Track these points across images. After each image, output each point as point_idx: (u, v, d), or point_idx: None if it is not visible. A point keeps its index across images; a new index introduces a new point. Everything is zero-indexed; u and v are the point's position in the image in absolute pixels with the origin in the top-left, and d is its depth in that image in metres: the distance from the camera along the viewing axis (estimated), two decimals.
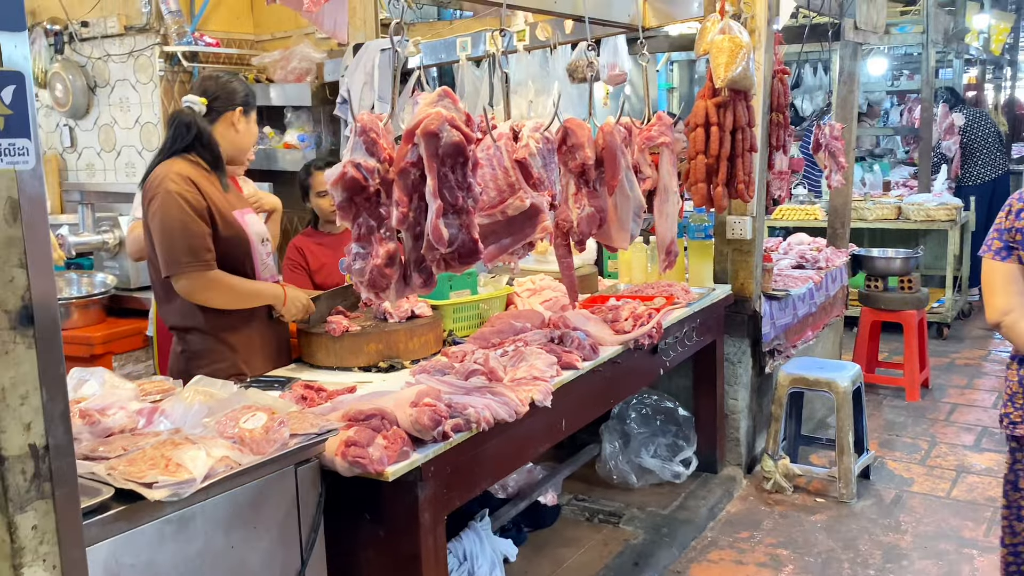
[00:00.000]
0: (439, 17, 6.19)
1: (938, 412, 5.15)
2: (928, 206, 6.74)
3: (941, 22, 7.95)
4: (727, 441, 4.15)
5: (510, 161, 2.29)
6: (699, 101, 3.59)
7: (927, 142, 7.65)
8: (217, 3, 5.32)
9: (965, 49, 9.28)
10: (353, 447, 1.96)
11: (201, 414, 1.97)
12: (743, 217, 4.08)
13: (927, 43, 7.46)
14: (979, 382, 5.72)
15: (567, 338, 2.89)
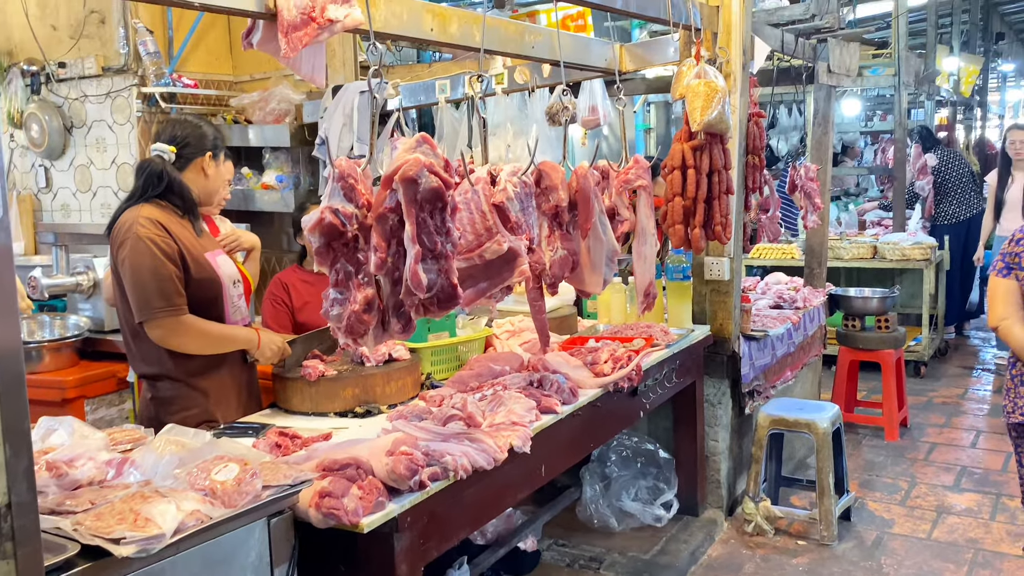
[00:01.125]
0: (419, 59, 6.24)
1: (917, 451, 5.15)
2: (903, 245, 6.81)
3: (912, 65, 8.11)
4: (708, 483, 4.12)
5: (488, 205, 2.28)
6: (676, 144, 3.62)
7: (901, 182, 7.76)
8: (196, 45, 5.33)
9: (936, 91, 9.46)
10: (327, 498, 1.92)
11: (172, 465, 1.92)
12: (721, 258, 4.10)
13: (899, 85, 7.60)
14: (957, 420, 5.74)
15: (546, 381, 2.87)
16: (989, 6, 13.36)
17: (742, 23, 3.85)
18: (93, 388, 3.96)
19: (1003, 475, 4.76)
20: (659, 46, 3.92)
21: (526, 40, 3.16)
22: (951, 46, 10.73)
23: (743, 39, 3.88)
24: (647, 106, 10.00)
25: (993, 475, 4.76)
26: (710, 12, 3.79)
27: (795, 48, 4.94)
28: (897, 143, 7.80)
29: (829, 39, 5.15)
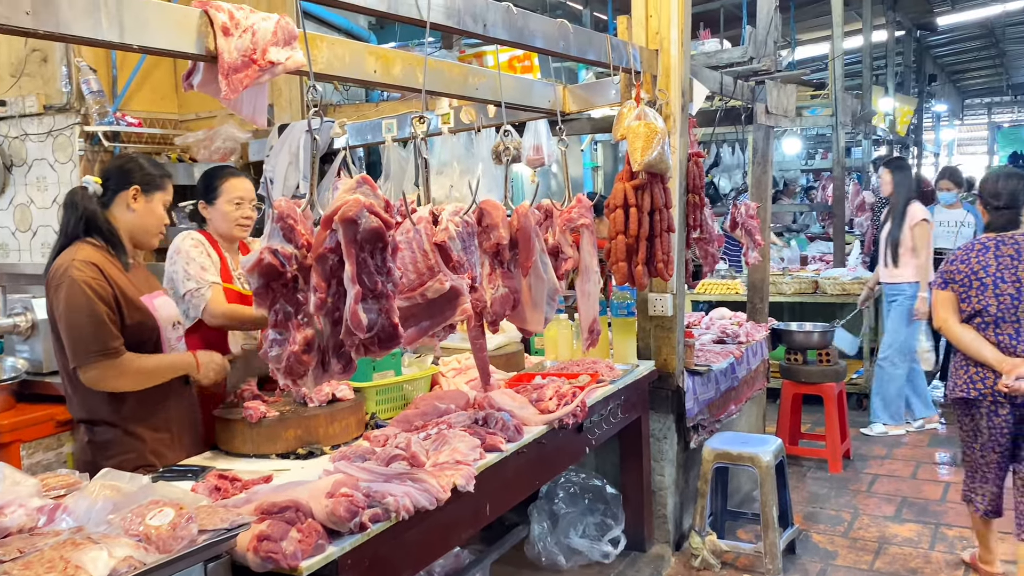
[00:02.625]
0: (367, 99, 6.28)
1: (860, 483, 5.25)
2: (843, 280, 6.99)
3: (849, 105, 8.39)
4: (655, 518, 4.14)
5: (430, 244, 2.30)
6: (618, 183, 3.69)
7: (840, 218, 7.97)
8: (141, 83, 5.30)
9: (873, 130, 9.79)
10: (266, 541, 1.90)
11: (106, 510, 1.89)
12: (664, 294, 4.16)
13: (836, 125, 7.84)
14: (898, 452, 5.86)
15: (491, 419, 2.87)
16: (922, 49, 13.90)
17: (680, 66, 3.96)
18: (30, 432, 3.85)
19: (942, 505, 4.87)
20: (601, 88, 4.01)
21: (469, 82, 3.21)
22: (886, 87, 11.13)
23: (682, 82, 3.99)
24: (594, 145, 10.17)
25: (932, 505, 4.87)
26: (649, 56, 3.89)
27: (734, 90, 5.09)
28: (836, 181, 8.02)
29: (767, 81, 5.31)
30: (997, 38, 15.53)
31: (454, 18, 2.61)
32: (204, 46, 2.14)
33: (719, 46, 5.92)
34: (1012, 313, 3.62)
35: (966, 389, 3.71)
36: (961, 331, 3.73)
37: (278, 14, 2.25)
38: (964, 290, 3.72)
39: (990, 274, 3.66)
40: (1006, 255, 3.67)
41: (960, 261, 3.75)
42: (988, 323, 3.67)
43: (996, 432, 3.65)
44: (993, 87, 21.50)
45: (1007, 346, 3.61)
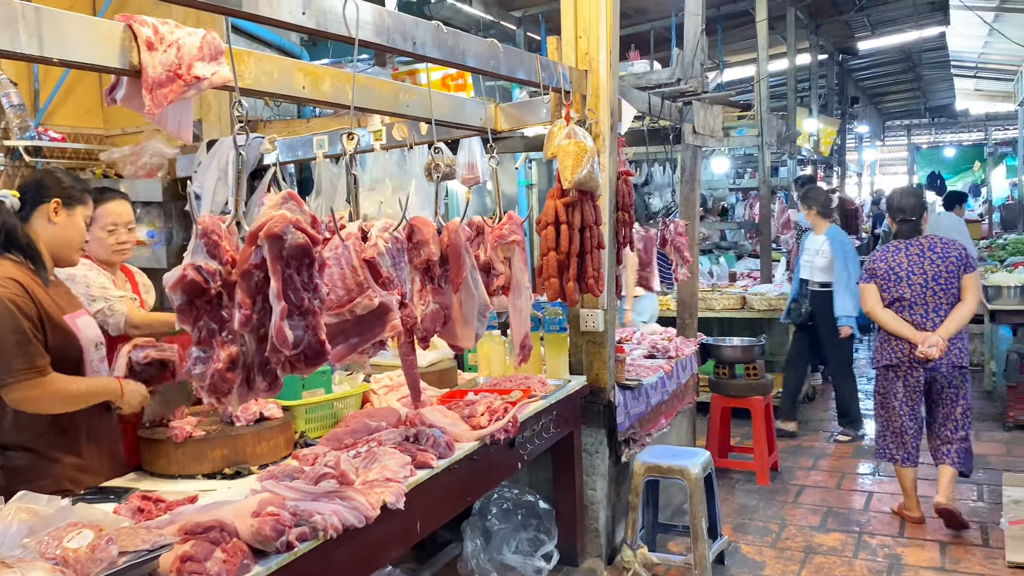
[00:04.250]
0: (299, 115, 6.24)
1: (787, 494, 5.37)
2: (770, 296, 7.17)
3: (774, 126, 8.63)
4: (587, 532, 4.17)
5: (358, 260, 2.30)
6: (549, 201, 3.74)
7: (766, 236, 8.19)
8: (65, 97, 5.18)
9: (797, 150, 10.08)
10: (189, 562, 1.87)
11: (21, 534, 1.83)
12: (595, 310, 4.22)
13: (762, 145, 8.07)
14: (823, 463, 6.02)
15: (422, 436, 2.87)
16: (844, 72, 14.40)
17: (609, 87, 4.03)
18: None
19: (865, 514, 5.01)
20: (532, 107, 4.06)
21: (400, 99, 3.23)
22: (810, 109, 11.48)
23: (611, 102, 4.06)
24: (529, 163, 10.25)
25: (856, 514, 5.01)
26: (579, 76, 3.95)
27: (661, 110, 5.20)
28: (762, 199, 8.24)
29: (694, 102, 5.45)
30: (914, 63, 16.18)
31: (383, 36, 2.63)
32: (128, 60, 2.11)
33: (648, 67, 6.05)
34: (922, 298, 4.68)
35: (890, 357, 4.76)
36: (884, 314, 4.76)
37: (205, 29, 2.24)
38: (884, 282, 4.76)
39: (904, 269, 4.72)
40: (914, 254, 4.73)
41: (880, 260, 4.82)
42: (904, 307, 4.72)
43: (911, 390, 4.73)
44: (912, 110, 22.38)
45: (919, 323, 4.69)
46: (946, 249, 4.71)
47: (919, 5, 11.27)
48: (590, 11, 3.97)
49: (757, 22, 8.26)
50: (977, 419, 6.93)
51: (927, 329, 4.64)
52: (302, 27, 2.36)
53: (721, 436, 5.80)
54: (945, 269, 4.66)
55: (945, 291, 4.65)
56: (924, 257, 4.70)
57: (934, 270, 4.67)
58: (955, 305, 4.65)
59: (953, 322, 4.62)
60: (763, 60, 8.31)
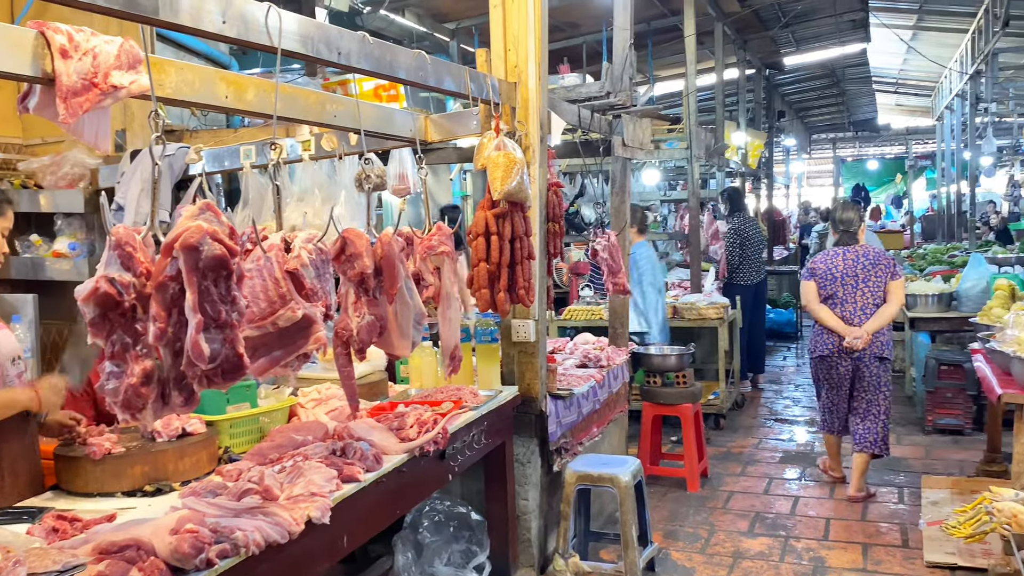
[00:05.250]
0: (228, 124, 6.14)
1: (716, 500, 5.46)
2: (699, 305, 7.30)
3: (703, 139, 8.81)
4: (520, 542, 4.18)
5: (281, 272, 2.28)
6: (479, 212, 3.74)
7: (696, 247, 8.33)
8: None
9: (726, 163, 10.30)
10: None
11: None
12: (527, 320, 4.23)
13: (691, 158, 8.21)
14: (752, 469, 6.14)
15: (349, 449, 2.84)
16: (771, 87, 14.77)
17: (539, 99, 4.07)
18: None
19: (791, 518, 5.13)
20: (462, 118, 4.07)
21: (327, 109, 3.20)
22: (738, 122, 11.75)
23: (540, 114, 4.10)
24: (464, 174, 10.27)
25: (782, 518, 5.12)
26: (508, 88, 3.98)
27: (592, 123, 5.27)
28: (692, 211, 8.38)
29: (623, 115, 5.52)
30: (838, 78, 16.70)
31: (307, 46, 2.61)
32: (40, 68, 2.05)
33: (579, 80, 6.11)
34: (852, 297, 5.41)
35: (823, 348, 5.48)
36: (819, 309, 5.48)
37: (123, 37, 2.19)
38: (822, 281, 5.49)
39: (839, 271, 5.46)
40: (849, 259, 5.47)
41: (820, 262, 5.58)
42: (836, 303, 5.44)
43: (841, 376, 5.46)
44: (836, 124, 23.07)
45: (848, 319, 5.40)
46: (877, 258, 5.49)
47: (841, 23, 11.65)
48: (519, 24, 4.00)
49: (685, 37, 8.43)
50: (898, 423, 7.17)
51: (855, 324, 5.37)
52: (223, 36, 2.32)
53: (652, 444, 5.87)
54: (875, 274, 5.41)
55: (873, 293, 5.39)
56: (858, 263, 5.45)
57: (865, 274, 5.41)
58: (880, 306, 5.37)
59: (877, 319, 5.35)
60: (691, 74, 8.47)
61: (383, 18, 8.06)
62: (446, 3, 8.17)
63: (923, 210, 22.33)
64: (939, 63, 14.42)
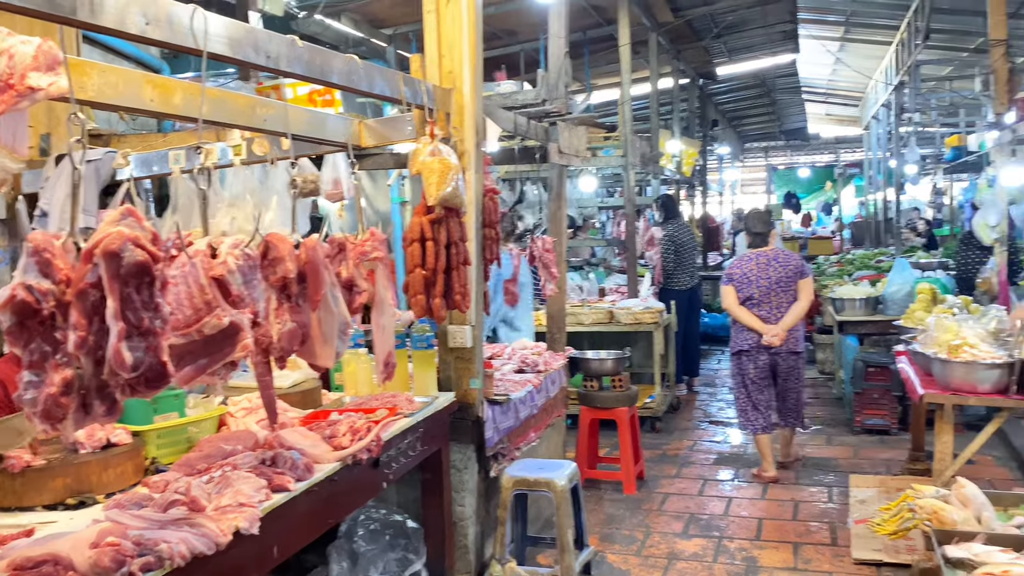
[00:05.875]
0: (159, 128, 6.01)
1: (652, 502, 5.53)
2: (636, 310, 7.39)
3: (638, 147, 8.92)
4: (456, 549, 4.17)
5: (207, 278, 2.24)
6: (414, 218, 3.74)
7: (632, 252, 8.43)
8: None
9: (661, 171, 10.44)
10: None
11: None
12: (463, 326, 4.23)
13: (627, 165, 8.32)
14: (687, 471, 6.23)
15: (280, 458, 2.80)
16: (704, 96, 15.04)
17: (473, 105, 4.08)
18: None
19: (724, 519, 5.22)
20: (397, 123, 4.06)
21: (257, 113, 3.17)
22: (673, 131, 11.93)
23: (476, 120, 4.11)
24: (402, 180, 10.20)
25: (716, 519, 5.21)
26: (443, 94, 3.98)
27: (528, 130, 5.30)
28: (628, 217, 8.49)
29: (559, 122, 5.57)
30: (769, 88, 17.10)
31: (235, 49, 2.57)
32: None
33: (516, 87, 6.15)
34: (767, 298, 5.91)
35: (742, 344, 5.97)
36: (738, 310, 5.95)
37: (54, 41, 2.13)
38: (739, 284, 5.96)
39: (754, 274, 5.96)
40: (762, 263, 5.99)
41: (736, 267, 6.10)
42: (754, 304, 5.93)
43: (759, 371, 5.95)
44: (768, 132, 23.60)
45: (765, 318, 5.91)
46: (787, 259, 6.05)
47: (772, 34, 11.93)
48: (453, 30, 4.01)
49: (620, 46, 8.53)
50: (827, 424, 7.36)
51: (771, 322, 5.88)
52: (146, 38, 2.27)
53: (590, 447, 5.92)
54: (785, 275, 5.92)
55: (785, 292, 5.91)
56: (770, 265, 5.97)
57: (777, 275, 5.92)
58: (792, 304, 5.89)
59: (790, 316, 5.89)
60: (626, 83, 8.58)
61: (319, 23, 7.99)
62: (382, 9, 8.13)
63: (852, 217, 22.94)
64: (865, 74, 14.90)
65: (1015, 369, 4.17)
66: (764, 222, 6.24)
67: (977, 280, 7.87)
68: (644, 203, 9.84)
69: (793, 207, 23.67)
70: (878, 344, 7.62)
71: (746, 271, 6.00)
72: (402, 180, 10.35)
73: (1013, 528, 3.50)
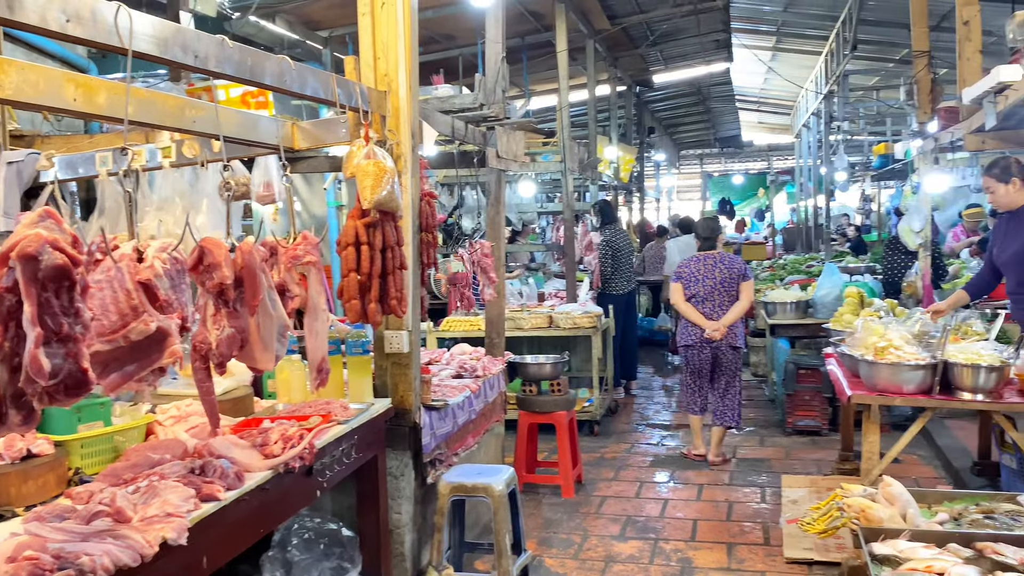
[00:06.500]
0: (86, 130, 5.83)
1: (590, 506, 5.56)
2: (574, 315, 7.43)
3: (576, 153, 8.99)
4: (393, 557, 4.12)
5: (133, 283, 2.17)
6: (349, 221, 3.69)
7: (571, 258, 8.49)
8: None
9: (599, 176, 10.54)
10: None
11: None
12: (400, 331, 4.20)
13: (565, 171, 8.37)
14: (624, 473, 6.28)
15: (209, 467, 2.74)
16: (641, 104, 15.24)
17: (410, 108, 4.05)
18: None
19: (660, 520, 5.27)
20: (331, 126, 4.00)
21: (186, 114, 3.09)
22: (610, 137, 12.06)
23: (412, 123, 4.08)
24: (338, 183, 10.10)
25: (653, 521, 5.26)
26: (378, 97, 3.95)
27: (466, 134, 5.29)
28: (566, 223, 8.54)
29: (497, 127, 5.57)
30: (704, 96, 17.40)
31: (163, 48, 2.51)
32: None
33: (453, 91, 6.13)
34: (710, 295, 6.44)
35: (688, 339, 6.51)
36: (685, 306, 6.50)
37: None
38: (686, 283, 6.52)
39: (701, 274, 6.50)
40: (708, 264, 6.52)
41: (684, 267, 6.64)
42: (699, 301, 6.46)
43: (702, 362, 6.47)
44: (703, 140, 24.04)
45: (708, 314, 6.43)
46: (731, 263, 6.58)
47: (706, 42, 12.15)
48: (388, 32, 3.98)
49: (558, 52, 8.59)
50: (761, 426, 7.50)
51: (713, 319, 6.40)
52: (68, 36, 2.20)
53: (528, 452, 5.93)
54: (729, 276, 6.45)
55: (728, 292, 6.43)
56: (715, 267, 6.51)
57: (721, 276, 6.45)
58: (734, 303, 6.41)
59: (731, 314, 6.40)
60: (564, 89, 8.64)
61: (253, 24, 7.86)
62: (318, 10, 8.04)
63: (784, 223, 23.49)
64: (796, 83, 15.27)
65: (938, 370, 4.30)
66: (712, 228, 6.78)
67: (903, 284, 8.13)
68: (583, 208, 9.91)
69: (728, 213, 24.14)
70: (809, 347, 7.81)
71: (693, 271, 6.53)
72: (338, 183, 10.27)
73: (936, 525, 3.60)
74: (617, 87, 12.54)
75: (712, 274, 6.47)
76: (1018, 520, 3.53)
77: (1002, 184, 4.88)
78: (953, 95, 6.99)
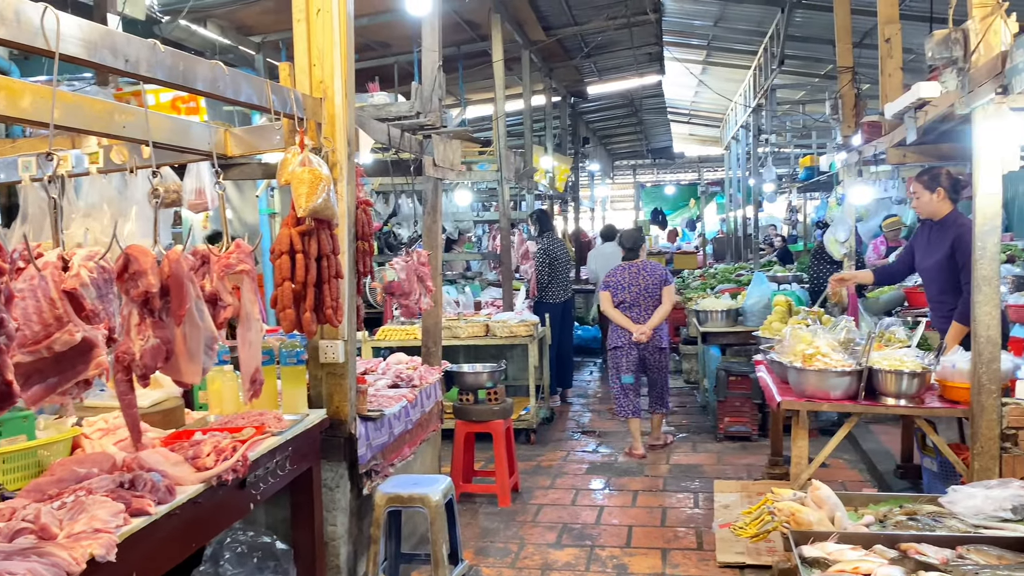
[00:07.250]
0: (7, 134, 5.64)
1: (527, 514, 5.57)
2: (511, 323, 7.45)
3: (512, 162, 9.02)
4: (328, 570, 4.06)
5: (57, 292, 2.11)
6: (283, 229, 3.64)
7: (507, 266, 8.52)
8: None
9: (534, 186, 10.60)
10: None
11: None
12: (335, 341, 4.15)
13: (501, 180, 8.40)
14: (560, 481, 6.32)
15: (139, 481, 2.66)
16: (576, 114, 15.39)
17: (346, 116, 4.02)
18: None
19: (596, 527, 5.31)
20: (265, 132, 3.94)
21: (115, 119, 3.01)
22: (546, 147, 12.14)
23: (347, 131, 4.05)
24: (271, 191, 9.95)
25: (588, 528, 5.30)
26: (313, 103, 3.91)
27: (402, 142, 5.27)
28: (503, 231, 8.57)
29: (433, 135, 5.57)
30: (637, 108, 17.68)
31: (91, 51, 2.44)
32: None
33: (389, 99, 6.10)
34: (637, 301, 6.97)
35: (616, 341, 7.01)
36: (614, 312, 6.99)
37: None
38: (614, 290, 7.04)
39: (627, 282, 7.02)
40: (633, 272, 7.07)
41: (612, 276, 7.14)
42: (627, 307, 6.99)
43: (630, 363, 6.99)
44: (636, 151, 24.40)
45: (635, 319, 6.95)
46: (654, 270, 7.13)
47: (639, 55, 12.35)
48: (324, 39, 3.95)
49: (494, 62, 8.63)
50: (693, 432, 7.63)
51: (640, 322, 6.92)
52: None
53: (465, 461, 5.91)
54: (652, 283, 7.01)
55: (652, 297, 6.98)
56: (639, 274, 7.06)
57: (645, 283, 7.00)
58: (657, 307, 6.94)
59: (656, 318, 6.94)
60: (500, 99, 8.68)
61: (184, 29, 7.71)
62: (251, 16, 7.93)
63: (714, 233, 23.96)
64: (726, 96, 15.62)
65: (863, 376, 4.44)
66: (635, 239, 7.27)
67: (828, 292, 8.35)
68: (519, 217, 9.96)
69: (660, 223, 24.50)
70: (739, 354, 7.96)
71: (620, 279, 7.08)
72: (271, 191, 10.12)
73: (863, 527, 3.71)
74: (552, 97, 12.65)
75: (637, 281, 7.00)
76: (939, 521, 3.66)
77: (928, 191, 5.09)
78: (876, 110, 7.25)
